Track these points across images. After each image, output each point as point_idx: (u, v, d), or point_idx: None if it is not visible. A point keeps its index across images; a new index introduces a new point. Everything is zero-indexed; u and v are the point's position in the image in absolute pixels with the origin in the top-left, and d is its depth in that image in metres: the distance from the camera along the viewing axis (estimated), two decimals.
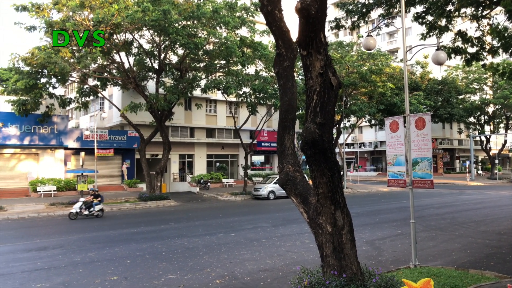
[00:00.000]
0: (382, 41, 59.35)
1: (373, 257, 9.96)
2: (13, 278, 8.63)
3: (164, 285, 7.93)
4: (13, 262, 10.11)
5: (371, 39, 9.91)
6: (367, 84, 33.13)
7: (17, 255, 10.98)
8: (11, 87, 23.66)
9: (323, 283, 5.51)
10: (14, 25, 23.46)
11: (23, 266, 9.69)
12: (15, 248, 12.06)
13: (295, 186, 6.27)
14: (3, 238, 14.02)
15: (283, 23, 6.45)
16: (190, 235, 13.53)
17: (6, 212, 20.64)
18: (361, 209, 20.49)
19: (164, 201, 25.19)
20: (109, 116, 34.27)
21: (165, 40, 25.12)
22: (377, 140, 58.46)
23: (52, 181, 27.69)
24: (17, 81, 22.68)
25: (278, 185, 26.53)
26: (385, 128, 9.14)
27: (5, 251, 11.51)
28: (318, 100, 5.35)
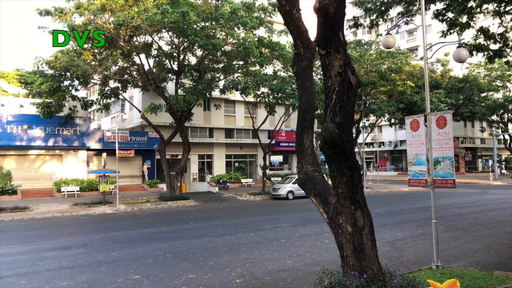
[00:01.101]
0: (401, 39, 58.52)
1: (394, 257, 9.85)
2: (39, 276, 8.86)
3: (185, 284, 8.01)
4: (39, 260, 10.38)
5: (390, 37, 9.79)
6: (387, 83, 32.71)
7: (42, 254, 11.27)
8: (36, 90, 24.28)
9: (343, 284, 5.48)
10: (38, 29, 24.09)
11: (48, 264, 9.93)
12: (41, 247, 12.39)
13: (315, 186, 6.26)
14: (30, 237, 14.42)
15: (301, 23, 6.45)
16: (210, 235, 13.63)
17: (32, 212, 21.21)
18: (381, 209, 20.26)
19: (184, 201, 25.45)
20: (130, 117, 34.80)
21: (184, 42, 25.37)
22: (397, 139, 57.66)
23: (75, 182, 28.30)
24: (41, 84, 23.29)
25: (297, 185, 26.64)
26: (405, 127, 9.03)
27: (31, 250, 11.84)
28: (337, 100, 5.34)
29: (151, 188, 31.32)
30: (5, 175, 26.77)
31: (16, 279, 8.65)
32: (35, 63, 23.07)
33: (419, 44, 57.58)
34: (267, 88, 28.30)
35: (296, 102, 26.85)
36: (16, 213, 20.86)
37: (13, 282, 8.43)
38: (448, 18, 13.46)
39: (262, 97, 28.99)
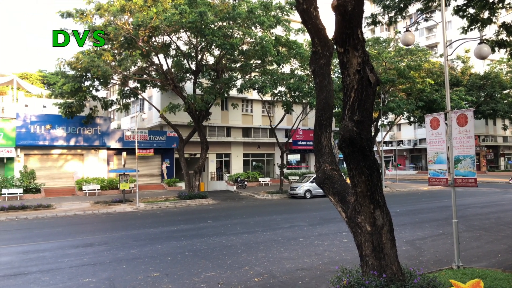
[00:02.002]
0: (420, 36, 57.58)
1: (413, 257, 9.73)
2: (62, 273, 9.08)
3: (204, 282, 8.09)
4: (62, 257, 10.63)
5: (409, 34, 9.67)
6: (406, 81, 32.31)
7: (65, 251, 11.54)
8: (58, 90, 24.83)
9: (362, 283, 5.45)
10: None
11: (71, 261, 10.16)
12: (64, 244, 12.68)
13: (333, 185, 6.24)
14: (53, 235, 14.78)
15: (319, 21, 6.43)
16: (228, 233, 13.72)
17: (55, 210, 21.71)
18: (400, 208, 20.02)
19: (202, 199, 25.65)
20: (149, 117, 35.24)
21: (202, 42, 25.53)
22: (417, 137, 56.82)
23: (96, 180, 28.83)
24: (63, 84, 23.80)
25: (314, 184, 26.40)
26: (425, 125, 8.91)
27: (55, 247, 12.13)
28: (356, 98, 5.31)
29: (170, 187, 31.66)
30: (29, 174, 27.47)
31: (40, 275, 8.88)
32: (57, 64, 23.55)
33: (438, 41, 56.59)
34: (284, 87, 28.24)
35: (314, 101, 26.75)
36: (40, 211, 21.39)
37: (37, 278, 8.66)
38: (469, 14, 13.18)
39: (279, 96, 28.95)
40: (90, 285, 8.04)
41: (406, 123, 49.09)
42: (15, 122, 27.35)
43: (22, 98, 29.46)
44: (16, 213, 20.55)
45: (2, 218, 19.31)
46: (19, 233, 15.29)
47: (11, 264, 10.03)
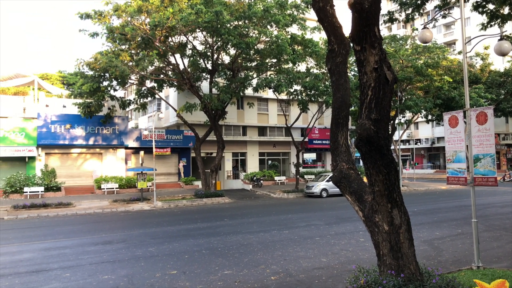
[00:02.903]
0: (438, 33, 56.66)
1: (432, 257, 9.61)
2: (83, 269, 9.26)
3: (221, 280, 8.14)
4: (82, 254, 10.84)
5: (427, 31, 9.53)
6: (423, 78, 31.87)
7: (85, 248, 11.76)
8: (77, 90, 25.28)
9: (380, 283, 5.42)
10: (78, 32, 25.07)
11: (91, 258, 10.35)
12: (84, 241, 12.93)
13: (350, 184, 6.21)
14: (73, 232, 15.07)
15: (335, 19, 6.40)
16: (244, 232, 13.77)
17: (75, 208, 22.13)
18: (418, 207, 19.76)
19: (218, 198, 25.81)
20: (166, 116, 35.59)
21: (218, 41, 25.65)
22: (434, 136, 55.96)
23: (115, 179, 29.27)
24: (82, 85, 24.23)
25: (330, 182, 26.44)
26: (443, 123, 8.79)
27: (75, 244, 12.38)
28: (373, 96, 5.28)
29: (187, 186, 31.93)
30: (50, 172, 28.06)
31: (61, 271, 9.08)
32: (76, 65, 23.98)
33: (457, 38, 55.59)
34: (300, 86, 28.17)
35: (330, 99, 26.61)
36: (60, 208, 21.83)
37: (58, 274, 8.85)
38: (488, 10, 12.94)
39: (295, 95, 28.89)
40: (110, 282, 8.17)
41: (424, 122, 48.37)
42: (36, 122, 27.97)
43: (43, 98, 30.10)
44: (37, 211, 21.03)
45: (24, 216, 19.79)
46: (40, 231, 15.65)
47: (34, 260, 10.28)
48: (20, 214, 20.06)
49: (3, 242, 13.12)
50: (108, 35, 24.08)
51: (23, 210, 21.20)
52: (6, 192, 25.69)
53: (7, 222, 18.46)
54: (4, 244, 12.82)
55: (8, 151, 27.03)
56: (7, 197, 25.46)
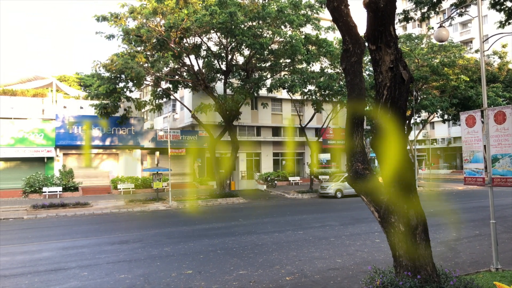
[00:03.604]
0: (454, 31, 55.76)
1: (448, 258, 9.49)
2: (100, 268, 9.40)
3: (236, 280, 8.18)
4: (99, 254, 11.01)
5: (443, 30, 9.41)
6: (439, 78, 31.45)
7: (102, 247, 11.94)
8: (94, 92, 25.61)
9: (396, 284, 5.39)
10: (95, 34, 25.43)
11: (107, 257, 10.51)
12: (101, 241, 13.13)
13: (365, 184, 6.18)
14: (90, 232, 15.32)
15: (350, 18, 6.38)
16: (259, 232, 13.79)
17: (92, 208, 22.46)
18: (434, 208, 19.46)
19: (233, 198, 25.89)
20: (181, 117, 35.86)
21: (232, 42, 25.74)
22: (451, 136, 55.12)
23: (130, 179, 29.61)
24: (99, 86, 24.55)
25: (345, 183, 26.28)
26: (460, 123, 8.67)
27: (92, 244, 12.58)
28: (389, 95, 5.26)
29: (202, 186, 32.11)
30: (67, 173, 28.54)
31: (79, 270, 9.24)
32: (93, 67, 24.32)
33: (473, 36, 54.63)
34: (314, 86, 28.06)
35: (344, 99, 26.44)
36: (78, 208, 22.19)
37: (76, 273, 9.01)
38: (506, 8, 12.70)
39: (309, 95, 28.79)
40: (126, 281, 8.28)
41: (440, 121, 47.66)
42: (54, 123, 28.49)
43: (61, 100, 30.64)
44: (56, 210, 21.41)
45: (43, 215, 20.18)
46: (59, 230, 15.94)
47: (52, 259, 10.48)
48: (39, 214, 20.46)
49: (23, 241, 13.41)
50: (124, 37, 24.37)
51: (42, 210, 21.60)
52: (26, 192, 26.23)
53: (26, 221, 18.85)
54: (24, 243, 13.11)
55: (27, 151, 27.61)
56: (26, 197, 25.99)
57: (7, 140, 27.27)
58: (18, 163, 28.48)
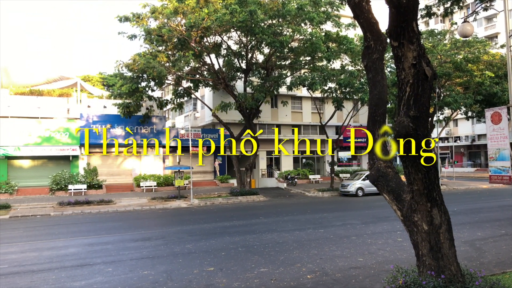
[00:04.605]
0: (478, 27, 54.29)
1: (473, 258, 9.30)
2: (124, 265, 9.60)
3: (257, 278, 8.22)
4: (123, 250, 11.23)
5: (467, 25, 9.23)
6: (463, 74, 30.80)
7: (126, 244, 12.18)
8: (117, 91, 26.12)
9: (419, 283, 5.32)
10: (118, 34, 25.87)
11: (131, 254, 10.71)
12: (124, 237, 13.39)
13: (387, 183, 6.12)
14: (114, 229, 15.64)
15: (371, 15, 6.33)
16: (279, 230, 13.81)
17: (115, 205, 22.92)
18: (458, 207, 19.11)
19: (253, 196, 25.97)
20: (201, 115, 36.14)
21: (252, 40, 25.79)
22: (475, 133, 53.85)
23: (153, 177, 30.04)
24: (121, 86, 25.02)
25: (366, 181, 26.03)
26: (484, 120, 8.49)
27: (116, 240, 12.84)
28: (412, 92, 5.19)
29: (222, 184, 32.31)
30: (92, 171, 29.16)
31: (104, 266, 9.45)
32: (116, 67, 24.77)
33: (499, 31, 53.11)
34: (334, 83, 27.86)
35: (365, 97, 26.18)
36: (102, 206, 22.68)
37: (101, 269, 9.22)
38: None
39: (330, 92, 28.61)
40: (149, 277, 8.43)
41: (463, 118, 46.68)
42: (79, 122, 29.16)
43: (85, 100, 31.30)
44: (81, 208, 21.94)
45: (69, 212, 20.70)
46: (84, 226, 16.33)
47: (78, 255, 10.76)
48: (65, 211, 21.00)
49: (50, 237, 13.81)
50: (145, 36, 24.72)
51: (68, 207, 22.16)
52: (52, 189, 26.94)
53: (53, 218, 19.39)
54: (51, 239, 13.50)
55: (53, 150, 28.34)
56: (53, 194, 26.69)
57: (35, 139, 28.07)
58: (45, 161, 29.28)
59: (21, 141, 27.65)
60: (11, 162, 28.27)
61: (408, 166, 5.41)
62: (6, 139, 27.29)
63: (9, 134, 27.37)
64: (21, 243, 12.74)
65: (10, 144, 27.29)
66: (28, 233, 14.89)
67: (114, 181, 30.52)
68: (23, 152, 27.62)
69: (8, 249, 11.72)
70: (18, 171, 28.49)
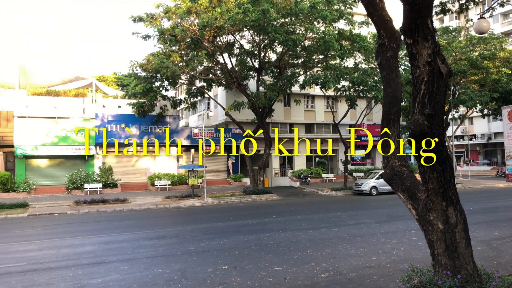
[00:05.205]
0: (494, 23, 53.23)
1: (490, 258, 9.17)
2: (139, 263, 9.71)
3: (271, 277, 8.24)
4: (138, 248, 11.36)
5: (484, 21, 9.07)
6: (478, 71, 30.31)
7: (141, 242, 12.31)
8: (131, 91, 26.41)
9: (435, 283, 5.28)
10: (132, 35, 26.10)
11: (146, 252, 10.83)
12: (139, 236, 13.54)
13: (402, 181, 6.08)
14: (129, 227, 15.83)
15: (385, 12, 6.29)
16: (293, 229, 13.81)
17: (130, 204, 23.17)
18: (474, 206, 18.83)
19: (266, 195, 25.99)
20: (215, 114, 36.28)
21: (265, 39, 25.80)
22: (491, 131, 52.94)
23: (167, 176, 30.28)
24: (136, 85, 25.28)
25: (380, 180, 25.79)
26: (501, 118, 8.37)
27: (131, 239, 13.00)
28: (427, 90, 5.15)
29: (236, 182, 32.40)
30: (107, 170, 29.53)
31: (119, 264, 9.58)
32: (130, 67, 25.04)
33: None
34: (347, 81, 27.70)
35: (379, 95, 25.98)
36: (117, 204, 22.96)
37: (117, 267, 9.35)
38: None
39: (343, 91, 28.45)
40: (164, 275, 8.52)
41: (479, 116, 45.93)
42: (94, 122, 29.56)
43: (100, 99, 31.69)
44: (97, 206, 22.25)
45: (85, 211, 21.02)
46: (100, 225, 16.57)
47: (95, 253, 10.92)
48: (81, 209, 21.32)
49: (67, 235, 14.04)
50: (159, 36, 24.91)
51: (84, 206, 22.49)
52: (69, 188, 27.38)
53: (70, 216, 19.71)
54: (68, 237, 13.73)
55: (70, 149, 28.81)
56: (69, 193, 27.12)
57: (51, 139, 28.55)
58: (61, 160, 29.77)
59: (38, 141, 28.15)
60: (29, 162, 28.81)
61: (423, 165, 5.37)
62: (24, 139, 27.83)
63: (27, 134, 27.91)
64: (39, 241, 12.99)
65: (28, 143, 27.82)
66: (45, 231, 15.18)
67: (129, 180, 30.86)
68: (40, 151, 28.13)
69: (27, 247, 11.97)
70: (35, 170, 29.03)
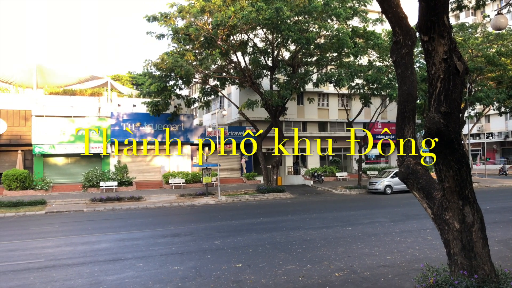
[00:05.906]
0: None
1: (508, 258, 9.02)
2: (154, 260, 9.81)
3: (285, 275, 8.25)
4: (153, 246, 11.48)
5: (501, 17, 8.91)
6: (495, 68, 29.77)
7: (155, 240, 12.44)
8: (146, 90, 26.66)
9: (451, 283, 5.23)
10: (146, 34, 26.29)
11: (161, 250, 10.93)
12: (154, 233, 13.68)
13: (417, 180, 6.03)
14: (144, 225, 15.99)
15: (400, 9, 6.25)
16: (306, 227, 13.78)
17: (145, 202, 23.41)
18: (491, 205, 18.53)
19: (280, 193, 25.98)
20: (228, 113, 36.38)
21: (278, 37, 25.76)
22: (508, 129, 51.96)
23: (181, 174, 30.48)
24: (150, 84, 25.51)
25: (395, 179, 25.57)
26: None
27: (146, 236, 13.13)
28: (442, 88, 5.08)
29: (249, 181, 32.45)
30: (122, 168, 29.87)
31: (135, 261, 9.70)
32: (145, 66, 25.29)
33: None
34: (361, 79, 27.49)
35: (393, 93, 25.74)
36: (132, 202, 23.21)
37: (132, 264, 9.47)
38: None
39: (357, 89, 28.25)
40: (179, 273, 8.59)
41: (496, 114, 45.14)
42: (109, 121, 29.94)
43: (115, 99, 32.05)
44: (112, 204, 22.54)
45: (101, 208, 21.31)
46: (116, 222, 16.78)
47: (110, 250, 11.08)
48: (97, 207, 21.62)
49: (84, 233, 14.26)
50: (173, 36, 25.08)
51: (100, 203, 22.81)
52: (85, 186, 27.77)
53: (86, 214, 20.01)
54: (85, 234, 13.94)
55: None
56: (86, 191, 27.51)
57: (68, 137, 29.00)
58: (78, 158, 30.21)
59: (55, 139, 28.64)
60: (47, 160, 29.32)
61: (439, 163, 5.32)
62: (42, 138, 28.33)
63: (45, 133, 28.41)
64: (57, 238, 13.23)
65: (45, 142, 28.31)
66: (63, 228, 15.44)
67: (143, 178, 31.18)
68: (57, 150, 28.59)
69: (45, 244, 12.20)
70: (53, 168, 29.54)
